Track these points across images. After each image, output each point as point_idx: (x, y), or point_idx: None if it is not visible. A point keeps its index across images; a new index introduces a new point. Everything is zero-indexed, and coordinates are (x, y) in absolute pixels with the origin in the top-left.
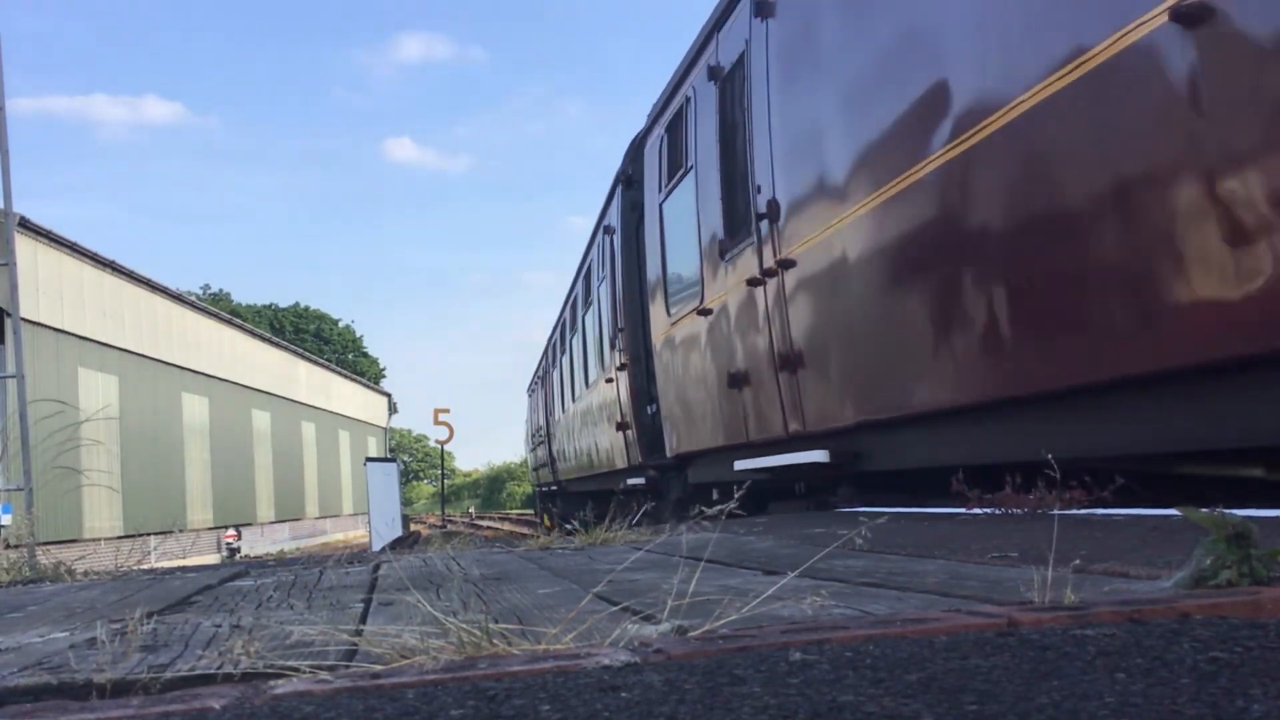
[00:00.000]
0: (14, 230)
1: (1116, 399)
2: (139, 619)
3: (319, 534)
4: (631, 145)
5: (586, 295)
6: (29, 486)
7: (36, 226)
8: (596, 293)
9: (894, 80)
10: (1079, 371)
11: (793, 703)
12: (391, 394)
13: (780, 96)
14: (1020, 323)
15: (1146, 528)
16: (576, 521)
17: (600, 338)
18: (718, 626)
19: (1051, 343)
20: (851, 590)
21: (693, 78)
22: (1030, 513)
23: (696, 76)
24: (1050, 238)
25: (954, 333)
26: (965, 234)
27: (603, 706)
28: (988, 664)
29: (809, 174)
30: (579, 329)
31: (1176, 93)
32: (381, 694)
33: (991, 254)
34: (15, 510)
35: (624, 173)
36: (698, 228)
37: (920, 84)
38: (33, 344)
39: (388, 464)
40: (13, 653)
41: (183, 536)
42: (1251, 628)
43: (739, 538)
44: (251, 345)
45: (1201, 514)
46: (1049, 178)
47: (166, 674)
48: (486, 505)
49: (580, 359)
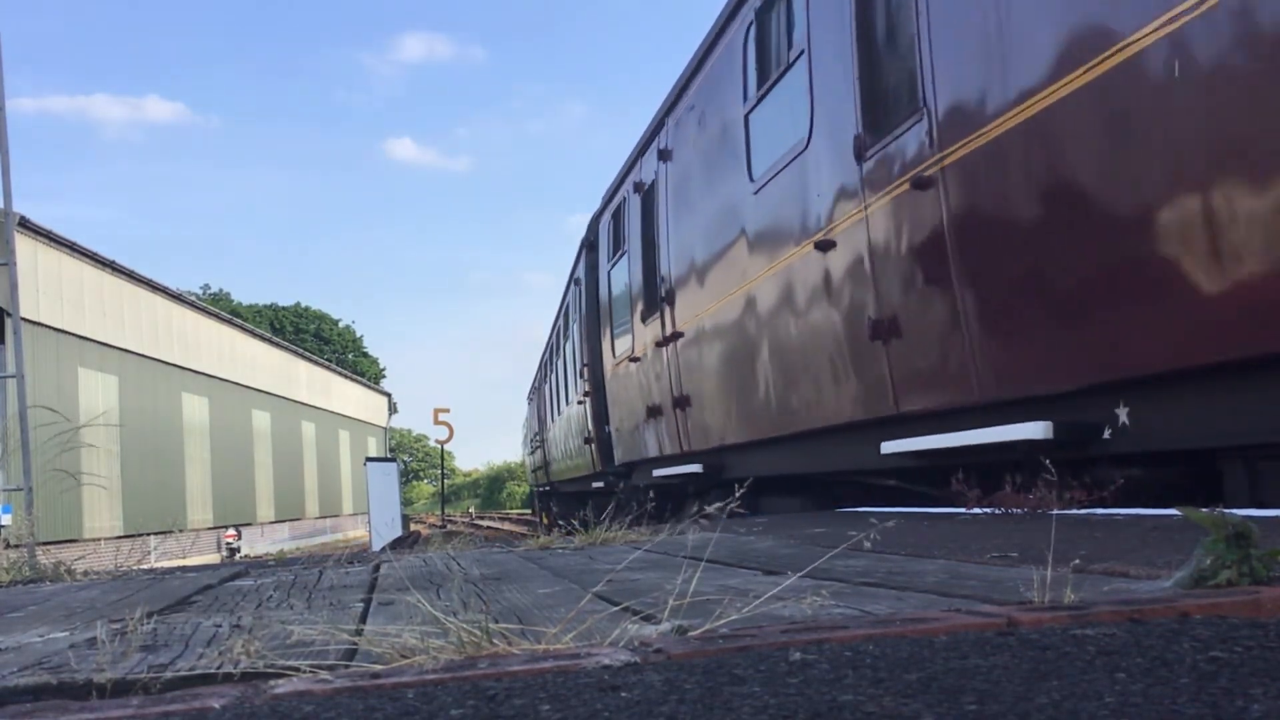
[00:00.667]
0: (14, 230)
1: (817, 440)
2: (139, 619)
3: (319, 534)
4: (592, 219)
5: (565, 329)
6: (29, 486)
7: (36, 226)
8: (571, 329)
9: (723, 229)
10: (801, 420)
11: (793, 702)
12: (391, 394)
13: (673, 218)
14: (788, 389)
15: (1146, 528)
16: (575, 521)
17: (575, 366)
18: (718, 626)
19: (793, 403)
20: (851, 590)
21: (626, 185)
22: (1030, 513)
23: (628, 186)
24: (796, 346)
25: (758, 391)
26: (760, 333)
27: (603, 706)
28: (987, 664)
29: (688, 276)
30: (561, 355)
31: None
32: (381, 694)
33: (765, 348)
34: (15, 510)
35: (587, 240)
36: (630, 294)
37: (732, 237)
38: (33, 344)
39: (388, 464)
40: (13, 652)
41: (183, 536)
42: (1251, 628)
43: (739, 538)
44: (251, 345)
45: (1201, 514)
46: (797, 305)
47: (166, 674)
48: (486, 505)
49: (562, 381)
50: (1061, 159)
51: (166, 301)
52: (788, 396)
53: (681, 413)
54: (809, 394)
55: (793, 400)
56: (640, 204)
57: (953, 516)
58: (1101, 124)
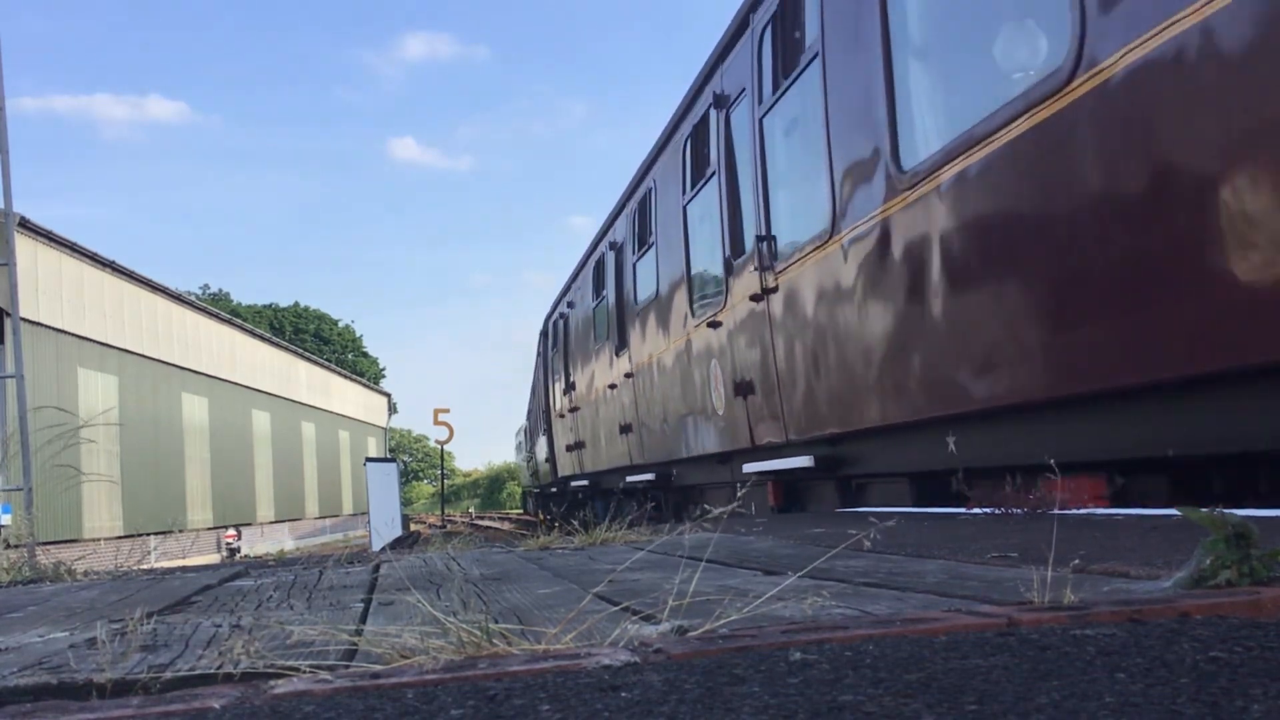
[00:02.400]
0: (14, 230)
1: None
2: (139, 619)
3: (319, 534)
4: (545, 320)
5: (544, 371)
6: (29, 486)
7: (36, 226)
8: (537, 375)
9: (666, 297)
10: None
11: (793, 702)
12: (391, 394)
13: (632, 278)
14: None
15: (1146, 528)
16: (575, 521)
17: (542, 403)
18: (718, 626)
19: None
20: (851, 590)
21: (556, 312)
22: (1030, 513)
23: (556, 314)
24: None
25: (697, 424)
26: (697, 378)
27: (603, 706)
28: (987, 664)
29: (641, 329)
30: (536, 394)
31: None
32: (381, 694)
33: (680, 395)
34: (15, 510)
35: (543, 330)
36: (555, 377)
37: (668, 304)
38: (33, 344)
39: (387, 464)
40: (13, 653)
41: (182, 536)
42: (1251, 628)
43: (739, 538)
44: (251, 345)
45: (1201, 514)
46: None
47: (166, 674)
48: (486, 505)
49: (539, 412)
50: (831, 288)
51: (166, 301)
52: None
53: (635, 436)
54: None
55: (680, 434)
56: (562, 324)
57: (953, 516)
58: (820, 286)
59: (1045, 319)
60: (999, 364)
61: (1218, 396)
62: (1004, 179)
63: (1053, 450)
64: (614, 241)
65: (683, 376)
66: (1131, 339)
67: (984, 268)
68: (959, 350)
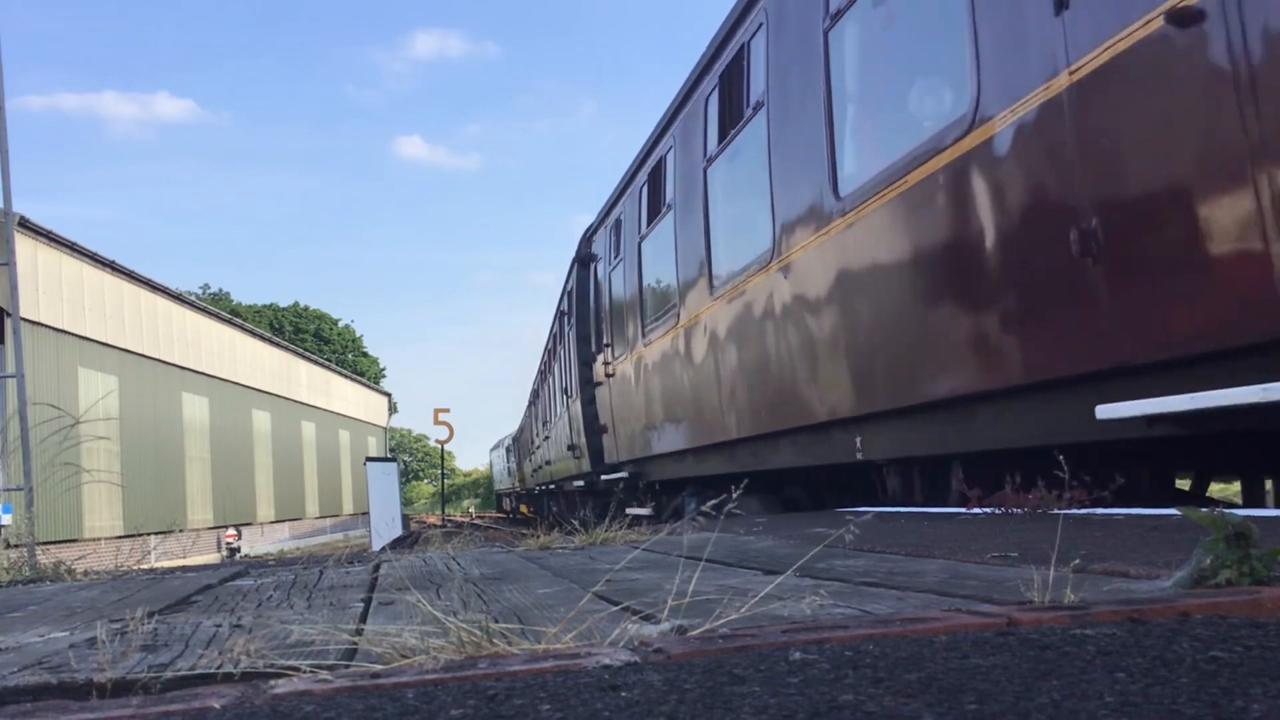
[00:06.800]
0: (14, 230)
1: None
2: (139, 619)
3: (319, 533)
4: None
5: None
6: (29, 486)
7: (36, 226)
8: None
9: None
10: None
11: (793, 702)
12: (391, 394)
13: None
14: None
15: (1146, 528)
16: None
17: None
18: (718, 626)
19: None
20: (851, 590)
21: (576, 271)
22: (1030, 513)
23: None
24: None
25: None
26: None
27: (603, 706)
28: (987, 664)
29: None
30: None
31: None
32: (381, 694)
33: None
34: (15, 510)
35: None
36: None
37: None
38: (33, 344)
39: (388, 464)
40: (13, 652)
41: (183, 536)
42: (1251, 627)
43: (739, 537)
44: (251, 345)
45: (1201, 514)
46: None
47: (166, 674)
48: (486, 505)
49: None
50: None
51: (166, 301)
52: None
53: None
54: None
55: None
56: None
57: (953, 516)
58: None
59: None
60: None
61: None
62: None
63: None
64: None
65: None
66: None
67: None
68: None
